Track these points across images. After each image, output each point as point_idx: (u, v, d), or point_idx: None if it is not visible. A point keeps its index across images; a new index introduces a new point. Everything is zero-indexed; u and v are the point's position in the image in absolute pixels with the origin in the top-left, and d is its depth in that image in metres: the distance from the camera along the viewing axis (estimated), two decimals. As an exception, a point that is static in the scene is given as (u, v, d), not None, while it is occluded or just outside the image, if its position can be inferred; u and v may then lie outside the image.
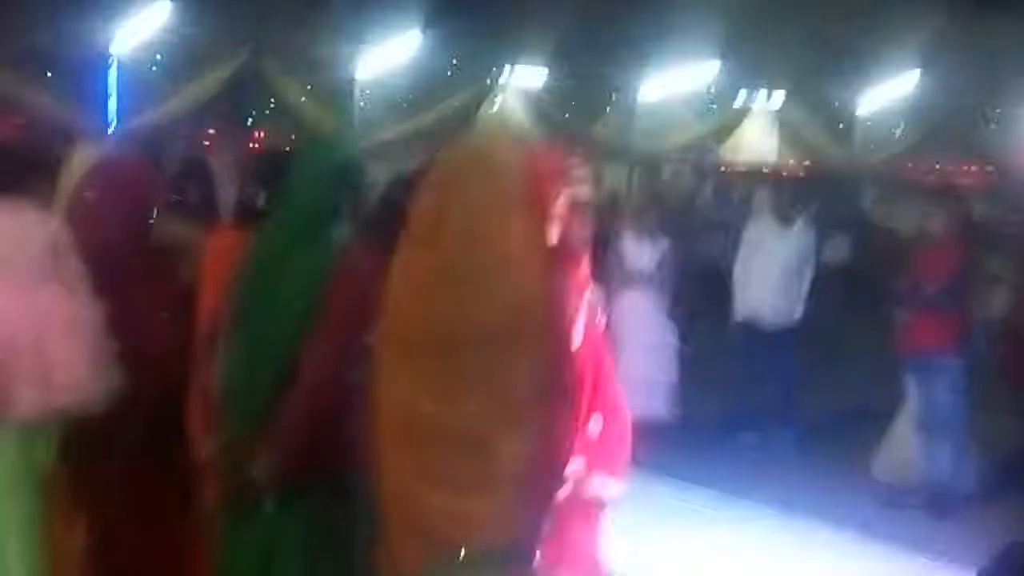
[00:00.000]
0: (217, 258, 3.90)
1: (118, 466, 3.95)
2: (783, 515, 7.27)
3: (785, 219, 8.99)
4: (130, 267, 4.09)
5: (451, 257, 3.37)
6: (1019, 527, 6.92)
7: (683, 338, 9.80)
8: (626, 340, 8.39)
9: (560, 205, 4.86)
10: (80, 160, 4.54)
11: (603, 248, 8.69)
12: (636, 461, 6.03)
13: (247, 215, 4.09)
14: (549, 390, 3.38)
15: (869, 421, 8.56)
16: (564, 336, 3.53)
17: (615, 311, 8.49)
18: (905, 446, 7.83)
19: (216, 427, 3.74)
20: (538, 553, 3.57)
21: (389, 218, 3.70)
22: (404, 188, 3.85)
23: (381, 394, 3.41)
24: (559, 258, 3.56)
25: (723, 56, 15.81)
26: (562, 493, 3.64)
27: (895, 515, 7.38)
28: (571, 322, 3.65)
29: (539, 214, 3.47)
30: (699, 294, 11.55)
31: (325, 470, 3.70)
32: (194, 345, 3.90)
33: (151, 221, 4.28)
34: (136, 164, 4.53)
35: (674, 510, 7.17)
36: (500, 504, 3.35)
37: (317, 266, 3.72)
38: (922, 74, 16.93)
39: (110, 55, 13.14)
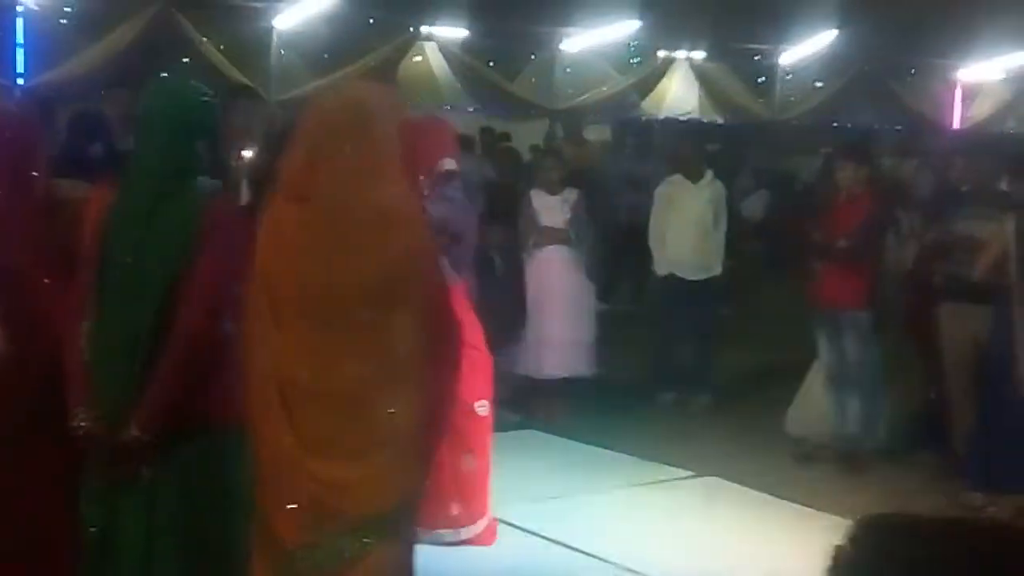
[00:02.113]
0: (95, 217, 3.77)
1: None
2: (698, 475, 7.24)
3: (694, 173, 8.92)
4: (10, 227, 3.93)
5: (325, 212, 3.23)
6: (928, 484, 7.03)
7: (602, 297, 9.74)
8: (543, 300, 8.35)
9: (435, 170, 4.87)
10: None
11: (519, 207, 8.58)
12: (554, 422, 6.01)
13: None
14: (432, 345, 3.28)
15: (786, 377, 8.59)
16: (444, 289, 3.45)
17: (533, 270, 8.41)
18: (817, 401, 7.87)
19: (89, 393, 3.61)
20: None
21: (265, 169, 3.61)
22: (279, 139, 3.75)
23: (253, 361, 3.29)
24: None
25: (642, 15, 15.73)
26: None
27: (807, 472, 7.41)
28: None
29: (412, 168, 3.37)
30: (618, 251, 11.50)
31: (202, 430, 3.61)
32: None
33: (35, 178, 4.13)
34: (16, 117, 4.34)
35: (589, 471, 7.14)
36: (389, 468, 3.24)
37: (181, 216, 3.61)
38: (840, 30, 17.01)
39: (18, 5, 12.74)
